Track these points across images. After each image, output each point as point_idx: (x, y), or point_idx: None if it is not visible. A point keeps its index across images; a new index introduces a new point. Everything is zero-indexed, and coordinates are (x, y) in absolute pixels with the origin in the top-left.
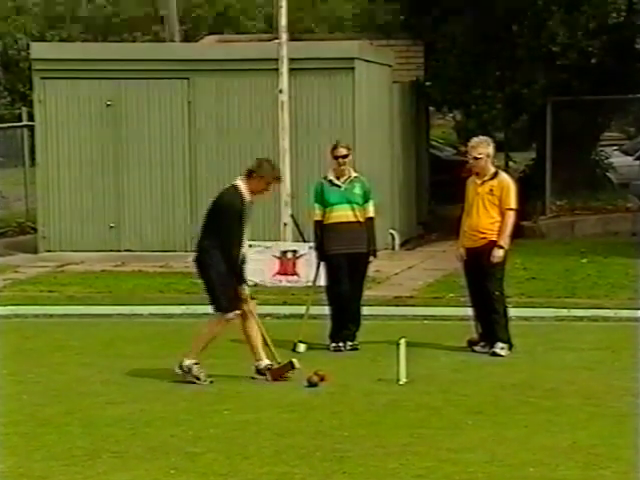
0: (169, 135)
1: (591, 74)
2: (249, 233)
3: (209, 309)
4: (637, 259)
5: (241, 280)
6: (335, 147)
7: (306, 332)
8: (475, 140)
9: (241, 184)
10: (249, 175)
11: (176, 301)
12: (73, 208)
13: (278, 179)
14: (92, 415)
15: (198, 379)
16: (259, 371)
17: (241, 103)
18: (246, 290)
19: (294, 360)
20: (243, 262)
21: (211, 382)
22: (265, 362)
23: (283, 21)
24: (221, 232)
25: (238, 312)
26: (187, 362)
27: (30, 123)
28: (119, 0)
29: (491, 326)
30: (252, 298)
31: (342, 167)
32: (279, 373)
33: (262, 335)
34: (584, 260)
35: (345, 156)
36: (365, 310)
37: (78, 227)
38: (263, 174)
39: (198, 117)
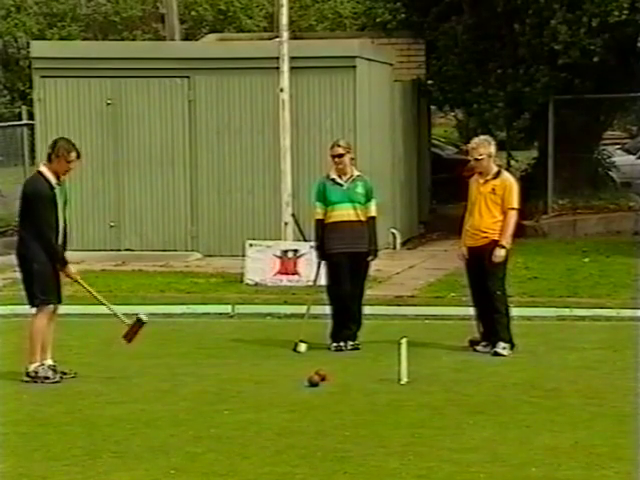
0: (169, 134)
1: (593, 72)
2: (65, 215)
3: (209, 309)
4: (639, 258)
5: (64, 262)
6: (333, 146)
7: (307, 332)
8: (475, 141)
9: (45, 169)
10: (49, 159)
11: (176, 301)
12: (73, 207)
13: (78, 156)
14: (92, 415)
15: (47, 378)
16: (28, 373)
17: (242, 102)
18: (72, 268)
19: (141, 315)
20: (64, 244)
21: (61, 378)
22: (48, 362)
23: (284, 20)
24: (34, 220)
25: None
26: (31, 367)
27: (30, 122)
28: None
29: (493, 326)
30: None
31: (340, 166)
32: (132, 333)
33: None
34: (586, 259)
35: (341, 155)
36: (366, 309)
37: (78, 226)
38: (60, 154)
39: (199, 116)
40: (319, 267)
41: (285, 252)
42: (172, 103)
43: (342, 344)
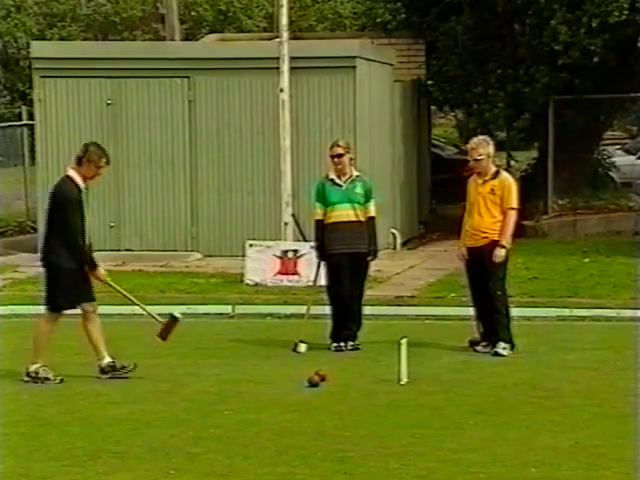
0: (169, 134)
1: (593, 73)
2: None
3: (209, 309)
4: (639, 259)
5: (93, 265)
6: (332, 146)
7: (307, 332)
8: (474, 141)
9: (73, 173)
10: (79, 162)
11: (176, 301)
12: None
13: (107, 162)
14: (92, 415)
15: (47, 379)
16: (102, 370)
17: (242, 102)
18: (102, 270)
19: (174, 312)
20: (90, 249)
21: (61, 380)
22: (107, 360)
23: (284, 20)
24: (63, 225)
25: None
26: (32, 368)
27: (30, 122)
28: None
29: (493, 326)
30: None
31: (339, 166)
32: (166, 331)
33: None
34: (586, 260)
35: (340, 155)
36: (366, 310)
37: None
38: (91, 159)
39: (199, 116)
40: (319, 267)
41: (285, 252)
42: (172, 103)
43: (342, 344)
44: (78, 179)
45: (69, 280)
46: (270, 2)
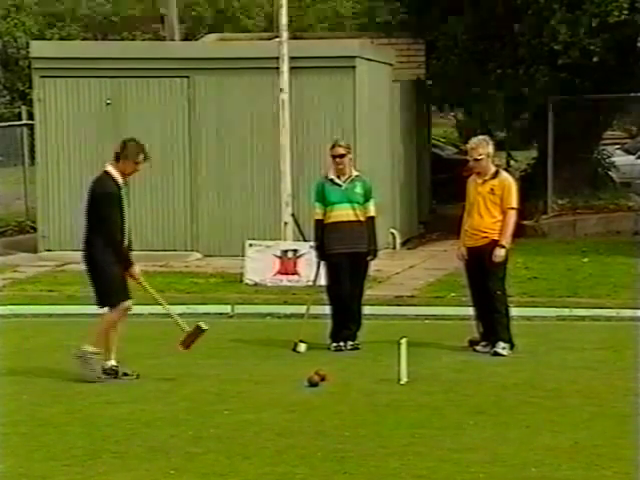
0: (169, 134)
1: (593, 73)
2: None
3: (209, 309)
4: (639, 258)
5: (129, 263)
6: (333, 146)
7: (307, 332)
8: (474, 141)
9: (111, 169)
10: (117, 158)
11: (176, 301)
12: (73, 207)
13: (145, 158)
14: (92, 415)
15: (93, 370)
16: (104, 370)
17: (241, 102)
18: (137, 269)
19: (200, 323)
20: (129, 246)
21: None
22: (111, 363)
23: (283, 20)
24: (103, 221)
25: (128, 302)
26: (88, 348)
27: (30, 122)
28: None
29: (493, 326)
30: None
31: (340, 166)
32: (190, 340)
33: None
34: (586, 259)
35: (342, 155)
36: (366, 310)
37: (78, 226)
38: (129, 155)
39: (199, 116)
40: (319, 267)
41: (285, 252)
42: (172, 103)
43: (342, 344)
44: (116, 175)
45: (114, 275)
46: (270, 2)
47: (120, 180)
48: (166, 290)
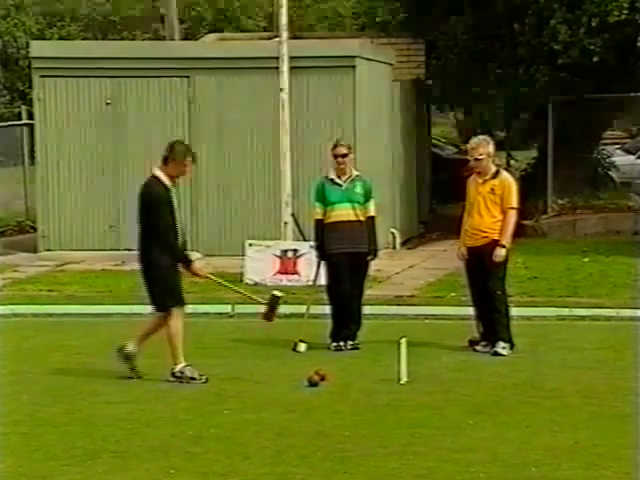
0: (169, 134)
1: (593, 72)
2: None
3: (209, 308)
4: (639, 258)
5: (188, 261)
6: (335, 146)
7: (307, 331)
8: (474, 141)
9: (159, 172)
10: (165, 162)
11: None
12: (73, 207)
13: (193, 159)
14: (92, 415)
15: (193, 379)
16: (121, 353)
17: (241, 102)
18: (197, 263)
19: (274, 292)
20: (184, 246)
21: (206, 380)
22: (131, 347)
23: (283, 19)
24: (155, 224)
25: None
26: (177, 368)
27: (30, 122)
28: None
29: (492, 325)
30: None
31: (341, 166)
32: (271, 314)
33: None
34: (586, 259)
35: (345, 155)
36: (366, 309)
37: (78, 226)
38: (177, 157)
39: (199, 116)
40: (319, 267)
41: (285, 252)
42: (172, 103)
43: (342, 344)
44: (164, 178)
45: (171, 278)
46: (270, 2)
47: (168, 183)
48: None
